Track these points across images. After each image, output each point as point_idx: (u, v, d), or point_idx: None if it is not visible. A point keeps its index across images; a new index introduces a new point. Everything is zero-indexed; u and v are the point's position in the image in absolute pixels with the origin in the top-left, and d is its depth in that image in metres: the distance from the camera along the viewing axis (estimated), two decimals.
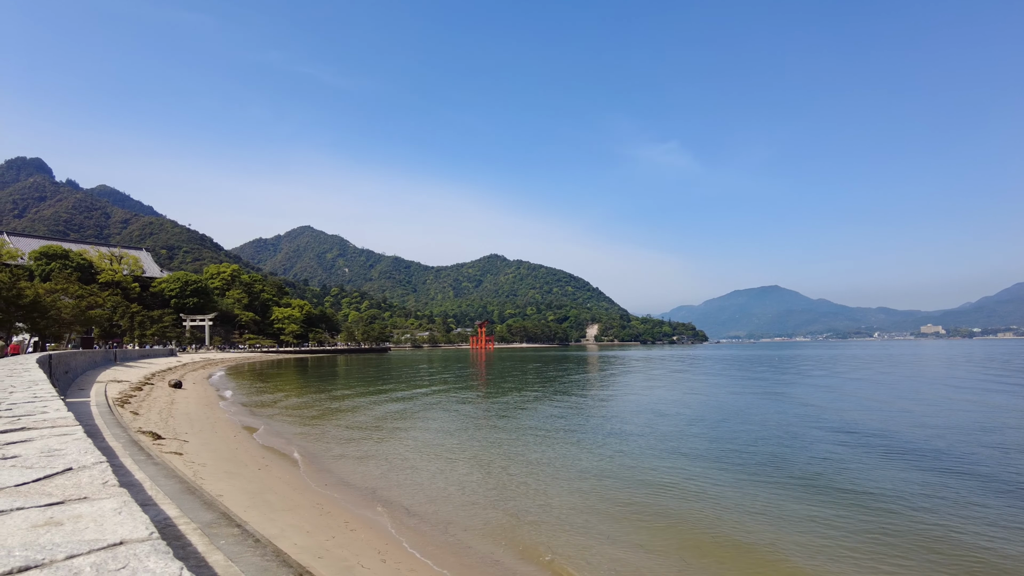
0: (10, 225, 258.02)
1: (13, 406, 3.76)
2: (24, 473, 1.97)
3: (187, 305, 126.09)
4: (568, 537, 10.60)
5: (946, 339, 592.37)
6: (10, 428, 2.78)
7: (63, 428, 2.80)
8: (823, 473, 15.04)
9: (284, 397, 36.81)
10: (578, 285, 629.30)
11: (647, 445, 19.19)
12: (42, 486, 1.83)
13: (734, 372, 62.82)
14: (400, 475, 15.36)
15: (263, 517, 10.43)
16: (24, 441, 2.51)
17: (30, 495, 1.80)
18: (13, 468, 2.02)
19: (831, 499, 12.70)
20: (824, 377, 52.67)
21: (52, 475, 1.91)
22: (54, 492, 1.77)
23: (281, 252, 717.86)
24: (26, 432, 2.69)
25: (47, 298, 54.42)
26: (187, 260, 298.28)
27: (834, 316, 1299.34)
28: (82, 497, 1.77)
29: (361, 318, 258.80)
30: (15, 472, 1.98)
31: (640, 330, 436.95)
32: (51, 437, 2.57)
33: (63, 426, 2.88)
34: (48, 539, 1.49)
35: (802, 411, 27.92)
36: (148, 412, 24.29)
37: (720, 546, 10.14)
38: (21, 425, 2.87)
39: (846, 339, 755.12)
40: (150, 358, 69.68)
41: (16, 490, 1.78)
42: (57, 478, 1.88)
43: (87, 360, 42.26)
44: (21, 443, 2.48)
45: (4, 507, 1.70)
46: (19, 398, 4.39)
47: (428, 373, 65.97)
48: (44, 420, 3.07)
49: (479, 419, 26.21)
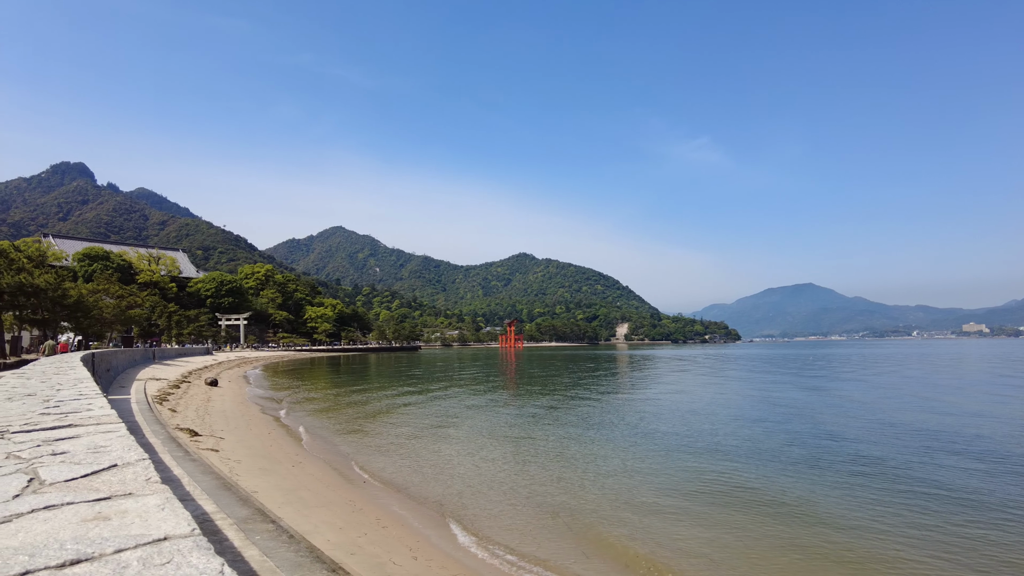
0: (55, 228, 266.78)
1: (61, 403, 3.92)
2: (73, 469, 2.07)
3: (222, 305, 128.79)
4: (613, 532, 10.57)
5: (990, 338, 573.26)
6: (59, 425, 2.91)
7: (107, 426, 2.92)
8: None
9: (317, 395, 37.38)
10: (608, 284, 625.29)
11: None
12: (89, 482, 1.91)
13: (773, 372, 61.76)
14: (433, 472, 15.48)
15: (297, 513, 10.60)
16: (72, 438, 2.63)
17: (79, 490, 1.84)
18: (63, 464, 2.11)
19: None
20: (877, 376, 51.46)
21: (99, 471, 2.00)
22: (101, 488, 1.85)
23: (314, 252, 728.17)
24: (73, 429, 2.81)
25: (90, 298, 56.06)
26: (222, 260, 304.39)
27: (870, 314, 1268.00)
28: (127, 493, 1.82)
29: (392, 317, 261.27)
30: (64, 468, 2.07)
31: (671, 329, 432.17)
32: (97, 434, 2.68)
33: (107, 423, 2.99)
34: (97, 533, 1.54)
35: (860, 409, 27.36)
36: (185, 409, 24.86)
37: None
38: (69, 422, 3.00)
39: (883, 338, 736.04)
40: (187, 356, 71.30)
41: (66, 485, 1.87)
42: (103, 474, 1.97)
43: (127, 358, 43.43)
44: (69, 439, 2.60)
45: (56, 502, 1.75)
46: (66, 395, 4.57)
47: (458, 370, 66.36)
48: (90, 417, 3.20)
49: (515, 418, 26.24)
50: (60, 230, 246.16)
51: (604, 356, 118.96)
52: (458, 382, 49.27)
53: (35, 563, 1.38)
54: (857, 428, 22.38)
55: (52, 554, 1.42)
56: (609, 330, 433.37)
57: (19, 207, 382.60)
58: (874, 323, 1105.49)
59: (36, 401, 4.15)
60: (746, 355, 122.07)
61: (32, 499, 1.80)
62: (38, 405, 3.85)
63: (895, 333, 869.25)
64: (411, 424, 24.31)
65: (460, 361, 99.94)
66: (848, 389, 39.27)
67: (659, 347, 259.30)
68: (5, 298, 39.68)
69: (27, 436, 2.69)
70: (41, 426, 2.88)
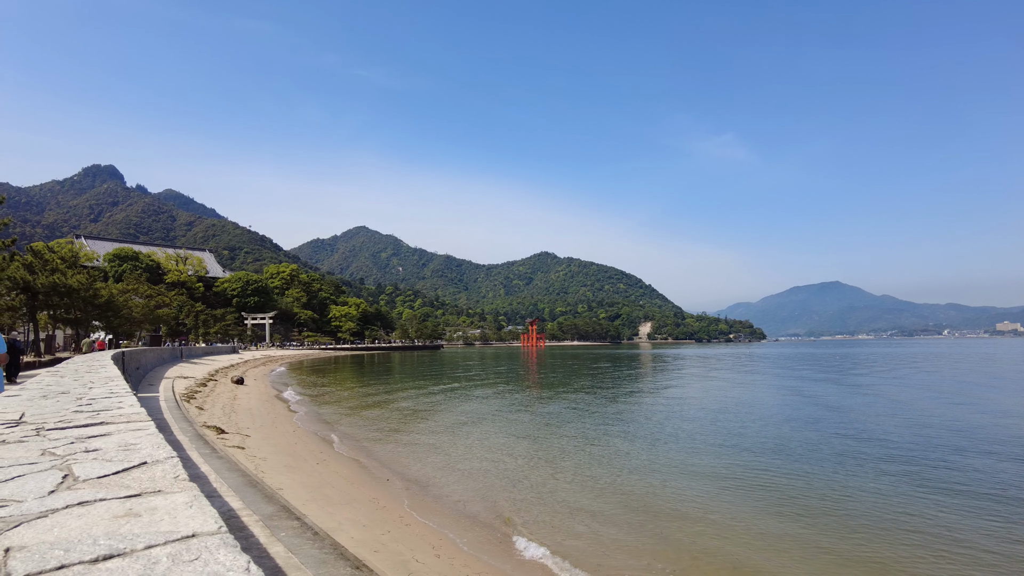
0: (87, 229, 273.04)
1: (93, 401, 4.04)
2: (104, 466, 2.13)
3: (248, 304, 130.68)
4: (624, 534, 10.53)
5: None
6: (91, 423, 2.99)
7: (137, 424, 3.00)
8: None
9: (342, 393, 37.75)
10: (630, 282, 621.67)
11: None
12: (120, 479, 1.97)
13: (803, 371, 60.86)
14: (455, 470, 15.53)
15: (321, 511, 10.71)
16: (103, 435, 2.71)
17: (111, 487, 1.89)
18: (95, 461, 2.18)
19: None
20: (908, 375, 50.47)
21: (129, 468, 2.06)
22: (131, 485, 1.89)
23: (338, 252, 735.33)
24: (105, 427, 2.89)
25: (120, 298, 57.32)
26: (248, 260, 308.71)
27: (899, 313, 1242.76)
28: (156, 490, 1.86)
29: (415, 316, 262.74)
30: (97, 465, 2.14)
31: (695, 328, 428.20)
32: (127, 432, 2.76)
33: (137, 421, 3.08)
34: (128, 529, 1.59)
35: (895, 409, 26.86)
36: (212, 407, 25.23)
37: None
38: (100, 420, 3.09)
39: (912, 337, 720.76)
40: (214, 355, 72.46)
41: (98, 482, 1.93)
42: (134, 471, 2.03)
43: (156, 357, 44.29)
44: (101, 437, 2.68)
45: (89, 498, 1.80)
46: (97, 393, 4.70)
47: (481, 369, 66.54)
48: (120, 415, 3.29)
49: (541, 416, 26.22)
50: (91, 231, 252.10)
51: (627, 355, 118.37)
52: (482, 381, 49.40)
53: (70, 558, 1.41)
54: (894, 428, 21.97)
55: (86, 549, 1.47)
56: (632, 329, 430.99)
57: (53, 209, 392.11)
58: (903, 322, 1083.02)
59: (69, 399, 4.27)
60: (773, 354, 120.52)
61: (66, 495, 1.85)
62: (71, 403, 3.96)
63: (925, 332, 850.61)
64: (435, 422, 24.45)
65: (482, 360, 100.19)
66: (881, 388, 38.56)
67: (683, 346, 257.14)
68: (40, 298, 40.72)
69: (61, 433, 2.77)
70: (74, 424, 2.97)
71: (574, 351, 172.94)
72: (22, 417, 3.16)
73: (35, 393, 4.66)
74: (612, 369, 67.40)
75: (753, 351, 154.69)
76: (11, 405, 3.83)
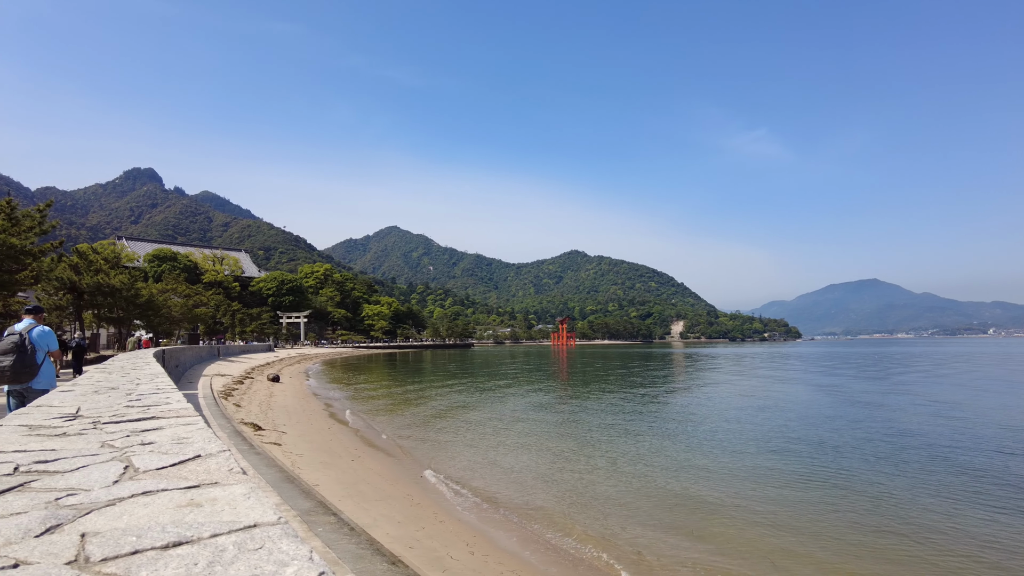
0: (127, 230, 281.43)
1: (142, 396, 4.18)
2: (162, 458, 2.21)
3: (283, 303, 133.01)
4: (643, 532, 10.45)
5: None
6: (143, 417, 3.10)
7: (186, 418, 3.10)
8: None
9: (376, 391, 38.16)
10: (662, 280, 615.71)
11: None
12: (178, 470, 2.04)
13: (841, 370, 59.55)
14: (492, 467, 15.59)
15: (357, 507, 10.83)
16: (156, 429, 2.80)
17: (171, 478, 1.94)
18: (152, 453, 2.25)
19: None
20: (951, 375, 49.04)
21: (185, 461, 2.14)
22: (189, 476, 1.96)
23: (370, 251, 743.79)
24: (156, 421, 2.99)
25: (159, 297, 58.84)
26: (282, 260, 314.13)
27: (941, 311, 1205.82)
28: (213, 482, 1.92)
29: (445, 315, 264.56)
30: (154, 457, 2.21)
31: (728, 327, 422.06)
32: (178, 426, 2.85)
33: (186, 416, 3.18)
34: (192, 518, 1.65)
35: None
36: (249, 404, 25.70)
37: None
38: (151, 415, 3.19)
39: (955, 336, 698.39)
40: (250, 353, 73.84)
41: (157, 473, 2.00)
42: (189, 464, 2.10)
43: (194, 355, 45.35)
44: (155, 431, 2.77)
45: (151, 488, 1.85)
46: (145, 389, 4.85)
47: (512, 367, 66.65)
48: (169, 410, 3.40)
49: (570, 417, 26.15)
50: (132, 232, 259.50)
51: (660, 354, 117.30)
52: (514, 379, 49.47)
53: (142, 543, 1.49)
54: (945, 430, 21.37)
55: (156, 536, 1.53)
56: (664, 328, 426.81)
57: (96, 211, 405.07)
58: (945, 320, 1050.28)
59: (120, 395, 4.42)
60: (808, 353, 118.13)
61: (130, 485, 1.90)
62: (122, 398, 4.10)
63: (968, 331, 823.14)
64: (469, 419, 24.56)
65: (513, 358, 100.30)
66: (926, 388, 37.51)
67: (716, 345, 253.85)
68: (85, 297, 42.08)
69: (116, 427, 2.87)
70: (127, 418, 3.08)
71: (605, 350, 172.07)
72: (78, 411, 3.29)
73: (87, 389, 4.83)
74: (644, 369, 66.87)
75: (788, 350, 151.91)
76: (67, 400, 3.98)
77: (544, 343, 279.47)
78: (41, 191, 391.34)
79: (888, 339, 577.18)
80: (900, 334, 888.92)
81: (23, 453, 2.22)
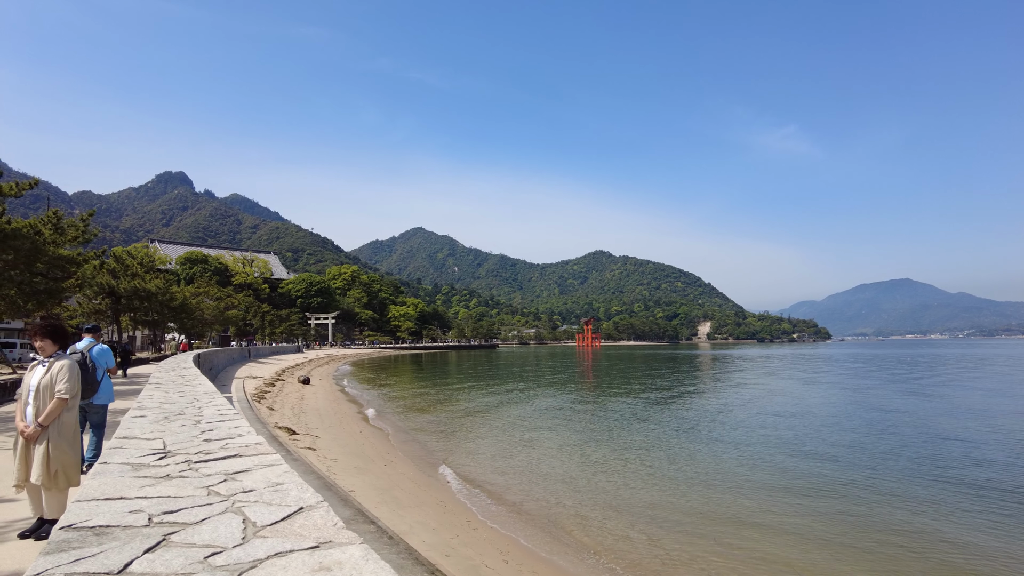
0: (159, 233, 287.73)
1: (211, 425, 4.40)
2: (270, 510, 2.34)
3: (312, 304, 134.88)
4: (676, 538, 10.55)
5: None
6: (227, 455, 3.30)
7: (265, 457, 3.31)
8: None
9: (405, 392, 38.53)
10: (688, 281, 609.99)
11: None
12: (289, 525, 2.17)
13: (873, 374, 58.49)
14: (520, 474, 15.72)
15: (392, 513, 11.06)
16: (246, 471, 2.94)
17: (288, 535, 2.12)
18: (258, 504, 2.43)
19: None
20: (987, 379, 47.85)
21: (291, 514, 2.26)
22: (304, 533, 2.12)
23: (396, 253, 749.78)
24: (240, 460, 3.18)
25: (192, 300, 60.19)
26: (310, 262, 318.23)
27: (977, 311, 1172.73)
28: (327, 541, 2.07)
29: (470, 315, 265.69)
30: (262, 509, 2.37)
31: (756, 327, 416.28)
32: (264, 467, 3.00)
33: (264, 454, 3.39)
34: None
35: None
36: (282, 408, 26.09)
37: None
38: (232, 451, 3.40)
39: (992, 337, 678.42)
40: (280, 355, 74.95)
41: (273, 528, 2.13)
42: (297, 518, 2.24)
43: (227, 357, 46.27)
44: (244, 472, 2.92)
45: (280, 548, 1.99)
46: (210, 415, 5.12)
47: (538, 369, 66.76)
48: (244, 445, 3.63)
49: (599, 421, 26.16)
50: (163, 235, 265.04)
51: (687, 356, 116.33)
52: (540, 380, 49.61)
53: None
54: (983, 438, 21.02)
55: None
56: (690, 329, 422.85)
57: (129, 215, 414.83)
58: (982, 320, 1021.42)
59: (190, 422, 4.70)
60: (838, 355, 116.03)
61: (259, 544, 2.05)
62: (195, 429, 4.36)
63: (1007, 332, 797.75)
64: (498, 423, 24.73)
65: (538, 359, 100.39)
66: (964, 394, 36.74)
67: (744, 346, 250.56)
68: (123, 301, 43.37)
69: (208, 466, 3.07)
70: (213, 456, 3.31)
71: (630, 351, 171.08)
72: (165, 447, 3.57)
73: (157, 415, 5.11)
74: (671, 371, 66.47)
75: (818, 352, 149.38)
76: (147, 429, 4.25)
77: (569, 344, 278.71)
78: (78, 195, 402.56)
79: (921, 340, 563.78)
80: (934, 335, 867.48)
81: (146, 501, 2.47)
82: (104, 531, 2.03)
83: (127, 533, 2.03)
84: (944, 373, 58.72)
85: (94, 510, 2.25)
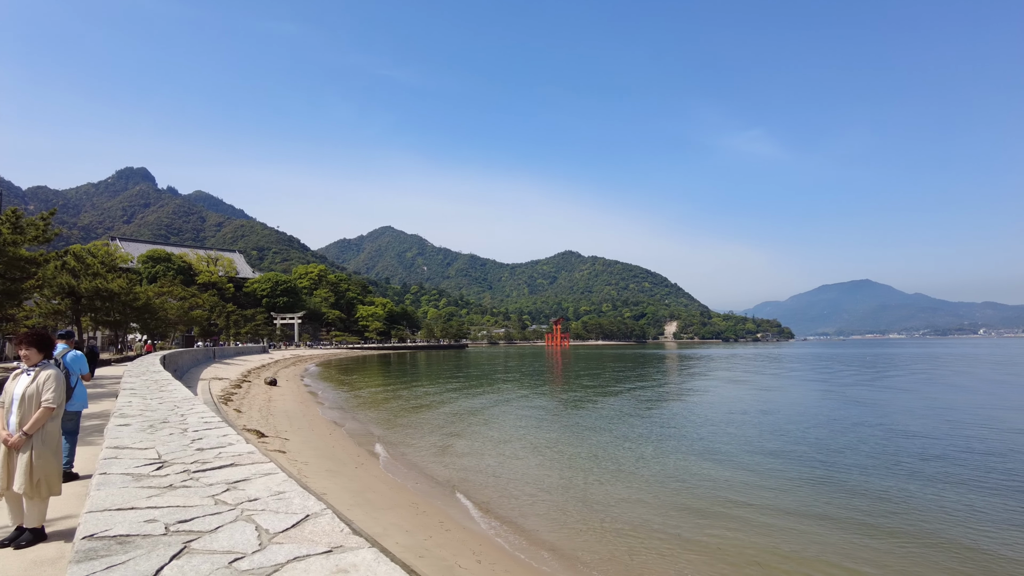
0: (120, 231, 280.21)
1: (198, 433, 4.46)
2: (278, 517, 2.50)
3: (277, 304, 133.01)
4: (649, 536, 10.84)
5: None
6: (223, 464, 3.46)
7: (262, 466, 3.48)
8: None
9: (374, 393, 38.39)
10: (656, 281, 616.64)
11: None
12: (299, 532, 2.34)
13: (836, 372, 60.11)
14: (491, 475, 15.87)
15: (366, 515, 11.13)
16: (245, 480, 3.09)
17: (302, 541, 2.25)
18: (264, 512, 2.59)
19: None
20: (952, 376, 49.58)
21: (299, 522, 2.42)
22: (316, 539, 2.27)
23: (364, 252, 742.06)
24: (237, 469, 3.33)
25: (155, 300, 58.97)
26: (276, 261, 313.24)
27: (933, 311, 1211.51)
28: (339, 545, 2.19)
29: (439, 315, 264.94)
30: (270, 517, 2.51)
31: (722, 327, 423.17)
32: (262, 476, 3.15)
33: (260, 463, 3.56)
34: None
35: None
36: (249, 410, 25.77)
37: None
38: (227, 460, 3.55)
39: (946, 336, 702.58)
40: (245, 355, 73.90)
41: (286, 535, 2.30)
42: (305, 525, 2.40)
43: (191, 358, 45.55)
44: (244, 481, 3.07)
45: (298, 553, 2.11)
46: (195, 423, 5.19)
47: (507, 368, 66.95)
48: (238, 454, 3.77)
49: (569, 421, 26.42)
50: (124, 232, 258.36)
51: (654, 355, 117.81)
52: (510, 380, 49.83)
53: None
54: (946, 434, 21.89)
55: None
56: (657, 328, 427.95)
57: (88, 211, 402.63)
58: (937, 321, 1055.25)
59: (177, 430, 4.77)
60: (802, 354, 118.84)
61: (277, 549, 2.19)
62: (181, 436, 4.43)
63: (960, 331, 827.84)
64: (468, 423, 24.85)
65: (507, 359, 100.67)
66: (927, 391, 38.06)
67: (709, 346, 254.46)
68: (83, 302, 42.24)
69: (207, 475, 3.20)
70: (210, 465, 3.44)
71: (599, 351, 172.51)
72: (160, 457, 3.68)
73: (142, 423, 5.15)
74: (639, 369, 67.34)
75: (782, 351, 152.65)
76: (136, 438, 4.34)
77: (539, 343, 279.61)
78: (32, 190, 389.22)
79: (880, 339, 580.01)
80: (892, 334, 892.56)
81: (158, 510, 2.61)
82: (126, 540, 2.18)
83: (148, 542, 2.18)
84: (902, 372, 60.68)
85: (111, 520, 2.39)
